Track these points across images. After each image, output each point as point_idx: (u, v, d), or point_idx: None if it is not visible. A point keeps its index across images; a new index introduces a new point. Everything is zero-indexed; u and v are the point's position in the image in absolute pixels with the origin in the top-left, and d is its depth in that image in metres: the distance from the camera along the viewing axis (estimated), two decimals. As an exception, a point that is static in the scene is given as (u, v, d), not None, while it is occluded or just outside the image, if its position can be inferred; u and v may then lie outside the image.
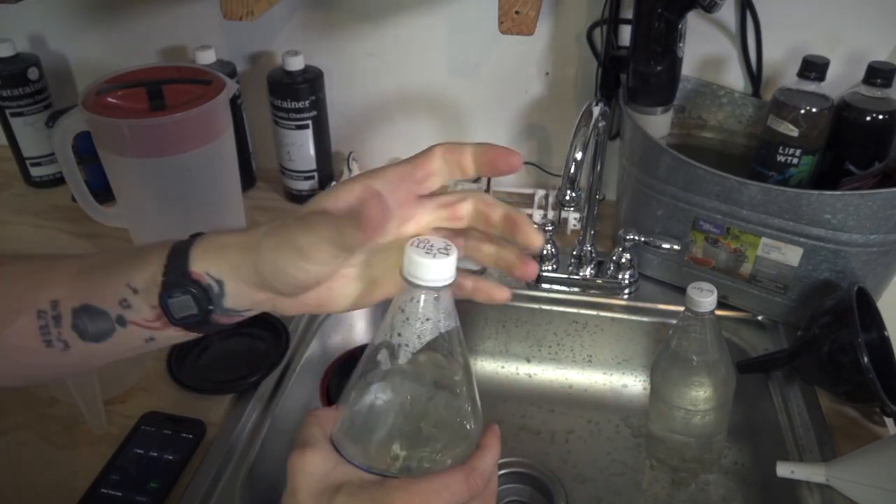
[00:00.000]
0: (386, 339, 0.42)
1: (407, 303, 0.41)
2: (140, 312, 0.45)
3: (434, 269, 0.40)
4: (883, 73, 0.76)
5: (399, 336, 0.42)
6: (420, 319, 0.41)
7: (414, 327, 0.41)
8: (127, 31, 1.09)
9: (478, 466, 0.42)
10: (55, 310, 0.45)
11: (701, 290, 0.68)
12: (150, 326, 0.46)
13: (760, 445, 0.80)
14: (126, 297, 0.45)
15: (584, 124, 0.74)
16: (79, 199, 0.87)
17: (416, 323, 0.41)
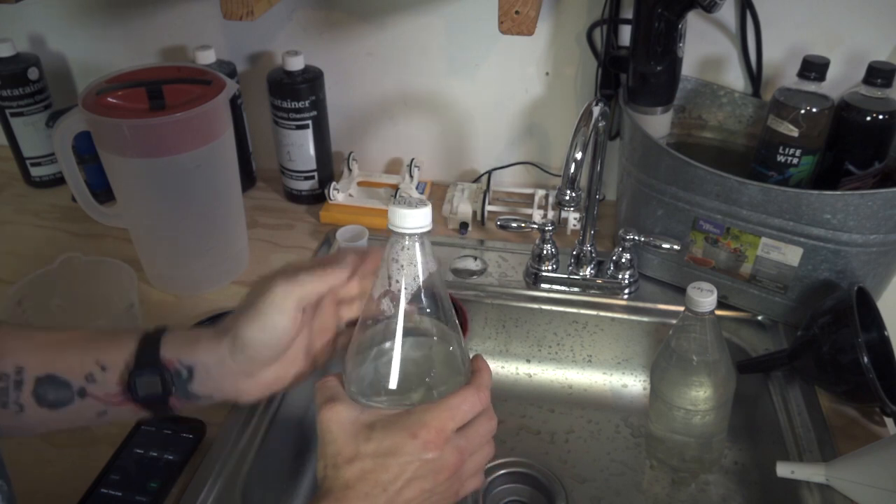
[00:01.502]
0: (385, 288, 0.48)
1: (399, 252, 0.48)
2: (104, 387, 0.50)
3: (418, 217, 0.47)
4: (883, 73, 0.76)
5: (397, 283, 0.48)
6: (413, 263, 0.48)
7: (409, 271, 0.48)
8: (127, 31, 1.09)
9: (482, 383, 0.50)
10: (19, 375, 0.50)
11: (701, 290, 0.68)
12: (109, 401, 0.51)
13: (760, 445, 0.80)
14: (93, 371, 0.50)
15: (584, 124, 0.74)
16: (79, 199, 0.87)
17: (409, 267, 0.48)
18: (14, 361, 0.50)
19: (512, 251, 0.97)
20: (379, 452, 0.46)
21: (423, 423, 0.46)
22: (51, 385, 0.50)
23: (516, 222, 0.91)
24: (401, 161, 1.13)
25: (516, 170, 1.10)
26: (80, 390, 0.50)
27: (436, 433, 0.46)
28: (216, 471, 0.68)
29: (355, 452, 0.46)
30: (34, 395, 0.50)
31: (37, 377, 0.50)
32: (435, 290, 0.49)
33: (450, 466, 0.47)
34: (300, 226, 1.03)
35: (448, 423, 0.47)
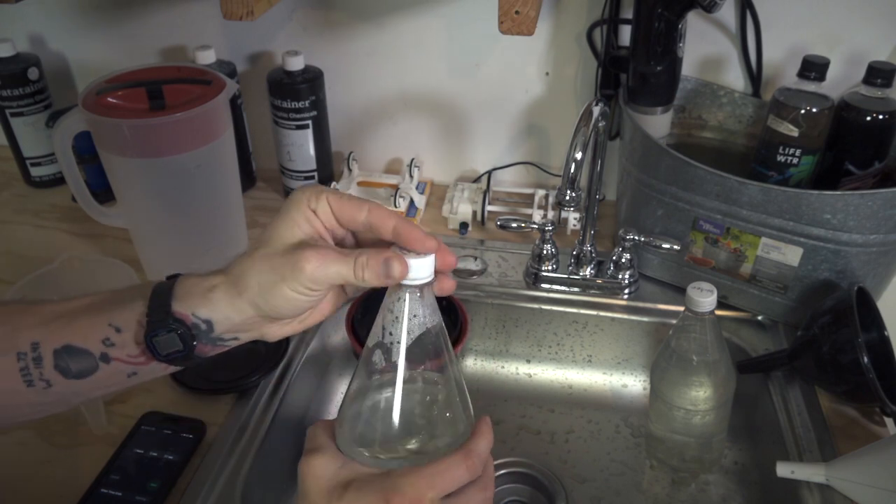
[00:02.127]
0: (378, 340, 0.46)
1: (394, 303, 0.45)
2: (124, 349, 0.48)
3: (415, 269, 0.44)
4: (883, 73, 0.76)
5: (390, 335, 0.45)
6: (408, 316, 0.45)
7: (402, 324, 0.45)
8: (127, 31, 1.09)
9: (474, 449, 0.45)
10: (35, 351, 0.47)
11: (701, 290, 0.68)
12: (135, 362, 0.48)
13: (760, 445, 0.80)
14: (109, 336, 0.48)
15: (584, 124, 0.74)
16: (79, 199, 0.87)
17: (404, 320, 0.45)
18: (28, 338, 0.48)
19: (512, 251, 0.97)
20: None
21: (397, 489, 0.43)
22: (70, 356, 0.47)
23: (516, 222, 0.91)
24: (401, 161, 1.13)
25: (516, 170, 1.10)
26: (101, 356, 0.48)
27: (409, 502, 0.43)
28: (216, 471, 0.68)
29: None
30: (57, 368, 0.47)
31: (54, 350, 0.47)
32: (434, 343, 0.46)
33: None
34: (300, 226, 1.03)
35: (426, 493, 0.43)
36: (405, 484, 0.43)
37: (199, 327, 0.47)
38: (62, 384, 0.48)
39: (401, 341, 0.45)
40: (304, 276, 0.44)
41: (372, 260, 0.45)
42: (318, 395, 0.87)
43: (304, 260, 0.44)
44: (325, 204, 0.47)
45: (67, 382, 0.48)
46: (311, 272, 0.44)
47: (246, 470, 0.69)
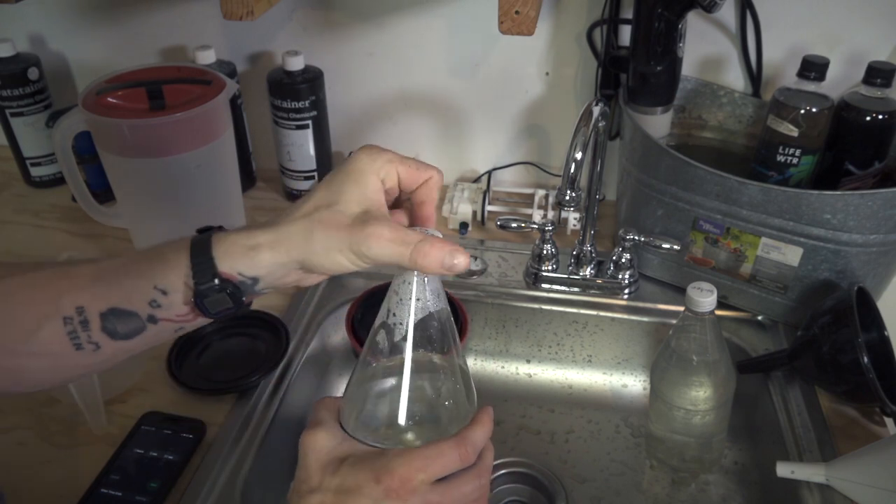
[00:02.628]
0: (383, 321, 0.47)
1: (400, 285, 0.47)
2: (172, 310, 0.48)
3: None
4: (883, 73, 0.76)
5: (394, 316, 0.47)
6: (412, 299, 0.46)
7: (406, 307, 0.46)
8: (127, 31, 1.09)
9: (468, 437, 0.46)
10: (81, 315, 0.47)
11: (701, 290, 0.68)
12: (183, 320, 0.49)
13: (760, 445, 0.80)
14: (155, 298, 0.48)
15: (584, 124, 0.74)
16: (79, 199, 0.87)
17: (408, 303, 0.46)
18: (72, 302, 0.47)
19: (512, 251, 0.97)
20: (341, 489, 0.45)
21: (388, 468, 0.44)
22: (118, 318, 0.47)
23: (516, 222, 0.91)
24: (401, 161, 1.13)
25: (516, 170, 1.10)
26: (149, 317, 0.48)
27: (399, 482, 0.44)
28: (216, 471, 0.68)
29: (319, 484, 0.45)
30: (104, 331, 0.47)
31: (100, 313, 0.47)
32: (437, 328, 0.47)
33: None
34: (300, 226, 1.03)
35: (415, 475, 0.44)
36: (397, 464, 0.44)
37: (246, 284, 0.47)
38: (110, 345, 0.48)
39: (404, 323, 0.46)
40: (365, 252, 0.44)
41: (434, 250, 0.44)
42: (318, 395, 0.87)
43: (373, 237, 0.44)
44: (394, 175, 0.48)
45: (115, 343, 0.48)
46: (375, 250, 0.44)
47: (246, 470, 0.69)
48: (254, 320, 0.83)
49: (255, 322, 0.83)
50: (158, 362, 0.78)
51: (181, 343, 0.80)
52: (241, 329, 0.83)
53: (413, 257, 0.44)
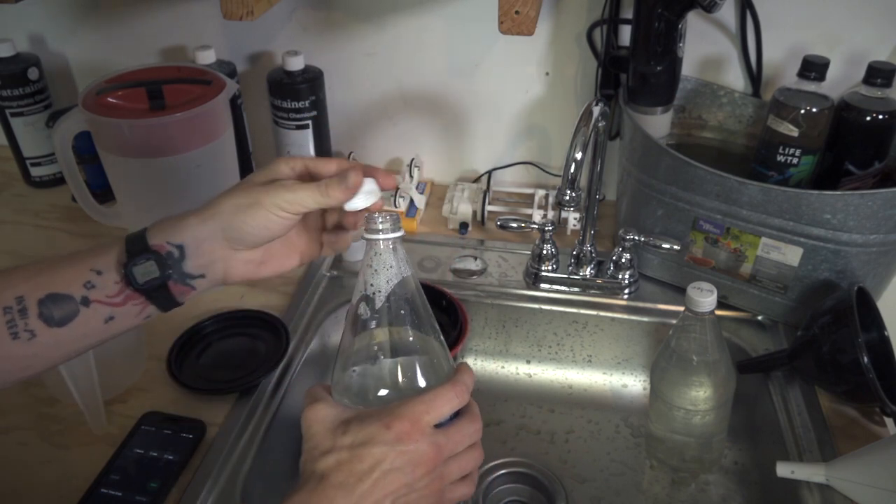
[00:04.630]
0: (361, 293, 0.51)
1: (373, 258, 0.51)
2: (104, 290, 0.51)
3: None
4: (883, 73, 0.76)
5: (371, 286, 0.51)
6: (385, 267, 0.51)
7: (381, 275, 0.51)
8: (127, 31, 1.09)
9: (460, 380, 0.51)
10: (20, 304, 0.50)
11: (701, 290, 0.68)
12: (112, 303, 0.51)
13: (760, 445, 0.80)
14: (90, 279, 0.51)
15: (584, 124, 0.74)
16: (79, 199, 0.87)
17: (382, 271, 0.51)
18: (13, 293, 0.50)
19: (512, 251, 0.97)
20: (354, 444, 0.47)
21: (396, 414, 0.47)
22: (53, 303, 0.50)
23: (516, 222, 0.91)
24: (401, 161, 1.13)
25: (516, 170, 1.10)
26: (82, 299, 0.50)
27: (410, 424, 0.47)
28: (216, 471, 0.68)
29: (332, 445, 0.47)
30: (41, 317, 0.50)
31: (38, 299, 0.50)
32: (411, 293, 0.51)
33: (427, 460, 0.48)
34: (300, 226, 1.03)
35: (423, 416, 0.48)
36: (404, 410, 0.48)
37: (173, 255, 0.51)
38: (45, 334, 0.50)
39: (381, 290, 0.51)
40: (278, 197, 0.51)
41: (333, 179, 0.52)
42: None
43: (281, 185, 0.51)
44: (300, 164, 0.55)
45: (50, 331, 0.50)
46: (285, 194, 0.51)
47: (246, 470, 0.69)
48: (254, 320, 0.84)
49: (255, 322, 0.83)
50: (158, 362, 0.78)
51: (181, 343, 0.80)
52: (241, 329, 0.83)
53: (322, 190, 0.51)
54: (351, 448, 0.47)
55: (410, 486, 0.47)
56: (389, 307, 0.51)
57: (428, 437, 0.48)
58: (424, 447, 0.48)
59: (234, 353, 0.81)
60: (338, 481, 0.46)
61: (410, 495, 0.48)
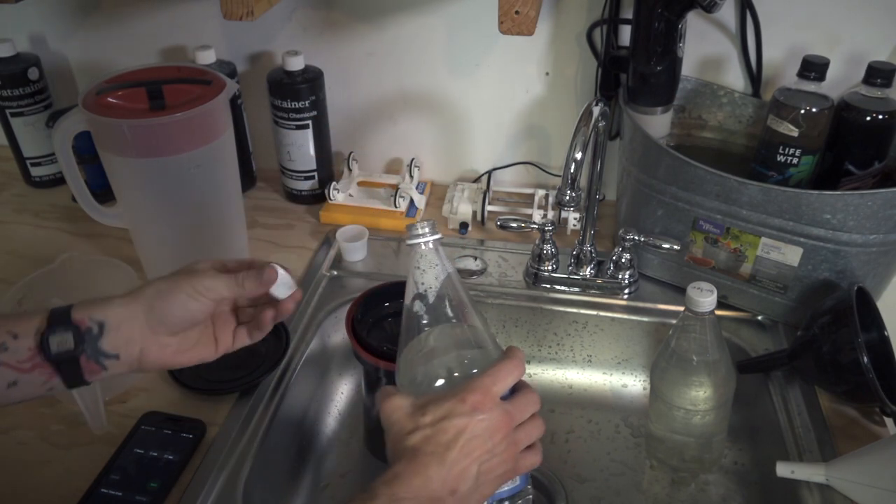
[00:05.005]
0: (414, 293, 0.56)
1: (419, 260, 0.56)
2: (15, 354, 0.52)
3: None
4: (883, 73, 0.76)
5: (423, 284, 0.56)
6: (431, 266, 0.56)
7: (429, 273, 0.56)
8: (127, 31, 1.09)
9: (514, 354, 0.55)
10: None
11: (701, 290, 0.68)
12: (20, 368, 0.52)
13: (760, 445, 0.80)
14: (4, 341, 0.52)
15: (584, 124, 0.74)
16: (79, 199, 0.87)
17: (430, 270, 0.56)
18: None
19: (512, 251, 0.97)
20: (435, 420, 0.51)
21: (468, 388, 0.52)
22: None
23: (516, 222, 0.91)
24: (401, 161, 1.13)
25: (516, 170, 1.10)
26: None
27: (481, 394, 0.52)
28: (216, 471, 0.68)
29: (415, 425, 0.52)
30: None
31: None
32: (456, 287, 0.57)
33: (501, 426, 0.52)
34: (300, 226, 1.03)
35: (491, 387, 0.52)
36: (473, 385, 0.52)
37: (92, 330, 0.54)
38: None
39: (432, 286, 0.56)
40: (197, 282, 0.56)
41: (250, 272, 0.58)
42: (318, 395, 0.87)
43: (202, 271, 0.57)
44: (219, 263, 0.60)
45: None
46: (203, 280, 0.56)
47: (246, 470, 0.69)
48: (254, 320, 0.83)
49: (255, 322, 0.83)
50: (158, 362, 0.78)
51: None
52: (241, 329, 0.83)
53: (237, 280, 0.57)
54: (433, 424, 0.51)
55: (491, 451, 0.52)
56: (441, 301, 0.56)
57: (499, 406, 0.53)
58: (497, 414, 0.52)
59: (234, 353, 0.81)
60: (429, 451, 0.50)
61: (492, 460, 0.52)
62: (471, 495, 0.52)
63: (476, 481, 0.51)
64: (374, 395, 0.76)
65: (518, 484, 0.56)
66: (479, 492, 0.52)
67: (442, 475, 0.50)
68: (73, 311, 0.54)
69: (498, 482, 0.54)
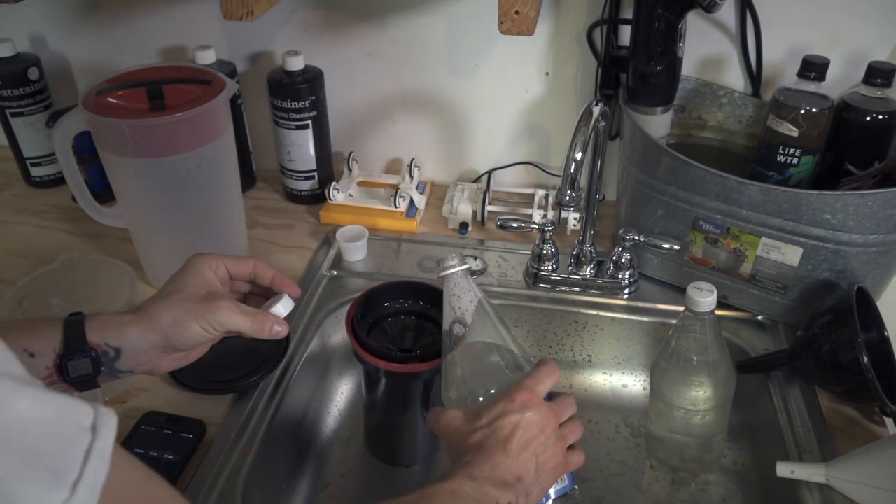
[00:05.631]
0: (453, 318, 0.63)
1: (453, 288, 0.64)
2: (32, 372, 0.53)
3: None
4: (883, 73, 0.76)
5: (459, 308, 0.63)
6: (465, 291, 0.63)
7: (464, 298, 0.63)
8: (127, 31, 1.09)
9: (549, 361, 0.62)
10: None
11: (701, 290, 0.68)
12: None
13: (760, 445, 0.80)
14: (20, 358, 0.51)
15: (584, 124, 0.74)
16: (79, 199, 0.87)
17: (464, 295, 0.63)
18: None
19: (512, 251, 0.97)
20: (490, 420, 0.56)
21: (516, 389, 0.57)
22: None
23: (516, 222, 0.91)
24: (401, 161, 1.13)
25: (516, 170, 1.10)
26: None
27: (528, 393, 0.57)
28: (216, 471, 0.68)
29: (472, 429, 0.56)
30: None
31: None
32: (488, 309, 0.63)
33: (549, 420, 0.57)
34: (300, 226, 1.03)
35: (535, 387, 0.58)
36: (520, 386, 0.58)
37: (109, 355, 0.56)
38: None
39: (468, 310, 0.63)
40: (213, 319, 0.58)
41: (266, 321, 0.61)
42: (318, 395, 0.87)
43: (218, 308, 0.58)
44: (222, 266, 0.63)
45: None
46: (221, 317, 0.58)
47: (246, 470, 0.69)
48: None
49: (255, 322, 0.83)
50: (158, 362, 0.78)
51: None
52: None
53: (253, 326, 0.59)
54: (489, 424, 0.56)
55: (544, 444, 0.56)
56: (476, 322, 0.62)
57: (544, 404, 0.58)
58: (545, 410, 0.57)
59: (234, 353, 0.81)
60: (491, 444, 0.55)
61: (545, 453, 0.56)
62: (532, 486, 0.56)
63: (536, 472, 0.56)
64: (374, 394, 0.76)
65: (567, 483, 0.60)
66: (539, 483, 0.56)
67: (507, 463, 0.54)
68: (87, 331, 0.55)
69: (553, 476, 0.58)
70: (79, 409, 0.33)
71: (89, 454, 0.32)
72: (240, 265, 0.64)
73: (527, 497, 0.55)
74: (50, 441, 0.31)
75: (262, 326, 0.60)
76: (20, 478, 0.29)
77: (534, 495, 0.56)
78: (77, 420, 0.32)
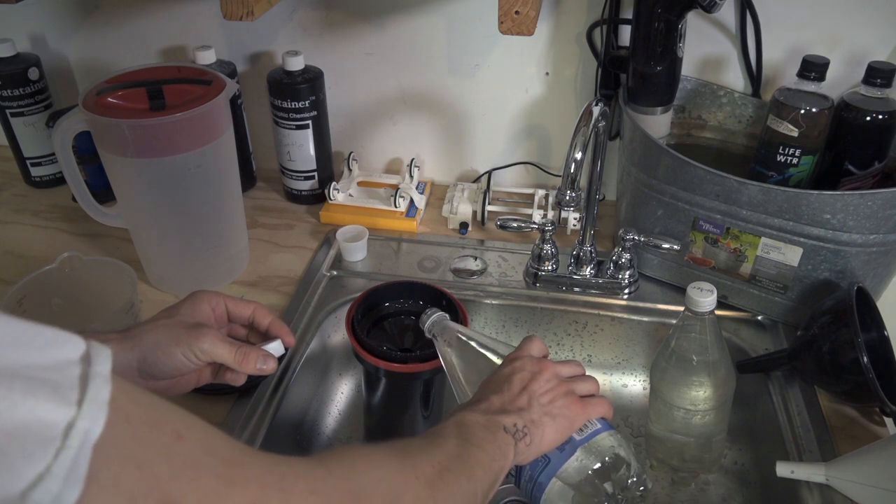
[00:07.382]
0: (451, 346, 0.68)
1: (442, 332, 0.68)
2: None
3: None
4: (883, 73, 0.76)
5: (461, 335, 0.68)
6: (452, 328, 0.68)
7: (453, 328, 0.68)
8: (127, 31, 1.09)
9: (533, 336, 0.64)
10: None
11: (701, 289, 0.68)
12: None
13: (760, 445, 0.80)
14: None
15: (584, 124, 0.74)
16: (79, 199, 0.87)
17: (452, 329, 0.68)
18: None
19: (512, 251, 0.97)
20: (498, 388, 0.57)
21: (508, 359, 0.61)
22: None
23: (516, 222, 0.91)
24: (401, 161, 1.13)
25: (516, 170, 1.10)
26: None
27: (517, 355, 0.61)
28: (216, 471, 0.68)
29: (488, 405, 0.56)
30: None
31: None
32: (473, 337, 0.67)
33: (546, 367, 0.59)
34: (300, 226, 1.03)
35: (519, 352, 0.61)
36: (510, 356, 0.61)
37: None
38: None
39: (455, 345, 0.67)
40: (197, 346, 0.57)
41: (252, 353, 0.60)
42: (318, 395, 0.87)
43: (203, 335, 0.57)
44: (222, 304, 0.63)
45: None
46: (204, 344, 0.57)
47: (246, 470, 0.69)
48: (254, 320, 0.83)
49: (255, 322, 0.83)
50: (158, 362, 0.78)
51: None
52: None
53: (237, 357, 0.59)
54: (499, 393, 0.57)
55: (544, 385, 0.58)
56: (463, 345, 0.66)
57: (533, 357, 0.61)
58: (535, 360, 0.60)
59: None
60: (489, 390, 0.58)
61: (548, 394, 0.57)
62: (541, 417, 0.56)
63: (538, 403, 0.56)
64: (374, 394, 0.76)
65: (599, 427, 0.60)
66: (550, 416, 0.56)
67: (506, 397, 0.56)
68: None
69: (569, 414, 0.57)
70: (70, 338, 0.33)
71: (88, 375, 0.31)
72: (240, 306, 0.65)
73: (533, 424, 0.55)
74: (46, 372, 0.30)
75: (246, 358, 0.59)
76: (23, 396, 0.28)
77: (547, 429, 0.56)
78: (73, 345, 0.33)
